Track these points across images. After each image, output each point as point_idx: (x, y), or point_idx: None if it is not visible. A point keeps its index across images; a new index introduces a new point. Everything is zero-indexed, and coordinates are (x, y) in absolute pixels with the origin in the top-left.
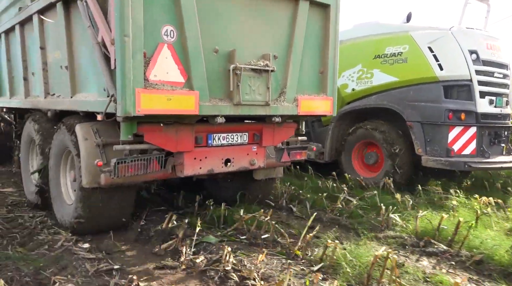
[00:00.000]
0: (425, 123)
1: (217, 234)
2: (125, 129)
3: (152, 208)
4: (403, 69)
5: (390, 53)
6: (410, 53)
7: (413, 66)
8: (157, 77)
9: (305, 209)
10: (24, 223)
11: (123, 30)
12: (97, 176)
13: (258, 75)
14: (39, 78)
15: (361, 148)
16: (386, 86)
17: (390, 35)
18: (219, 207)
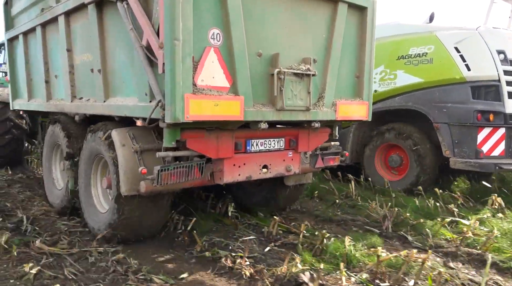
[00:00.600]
0: (453, 125)
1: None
2: (168, 135)
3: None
4: (428, 70)
5: (415, 53)
6: (435, 54)
7: (439, 67)
8: (204, 82)
9: (422, 237)
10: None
11: (173, 33)
12: (136, 184)
13: (300, 79)
14: (65, 81)
15: (384, 150)
16: (411, 87)
17: (413, 36)
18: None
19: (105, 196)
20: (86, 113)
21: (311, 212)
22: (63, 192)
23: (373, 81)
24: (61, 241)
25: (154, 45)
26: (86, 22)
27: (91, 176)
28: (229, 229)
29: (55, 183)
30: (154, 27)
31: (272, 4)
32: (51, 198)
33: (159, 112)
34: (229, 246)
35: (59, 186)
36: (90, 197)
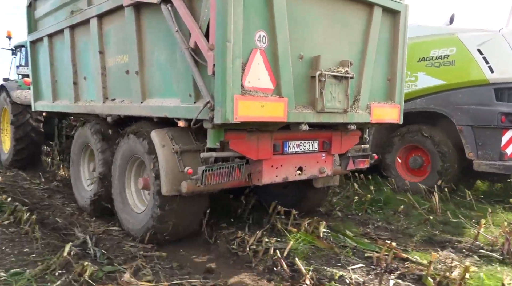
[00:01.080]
0: (477, 127)
1: None
2: (213, 136)
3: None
4: (450, 72)
5: (436, 56)
6: (458, 56)
7: (462, 69)
8: (251, 84)
9: None
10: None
11: (225, 35)
12: (176, 184)
13: (338, 82)
14: (96, 82)
15: (405, 152)
16: (432, 89)
17: (435, 38)
18: None
19: (139, 197)
20: (120, 114)
21: (401, 230)
22: (92, 193)
23: (404, 84)
24: (143, 270)
25: (203, 47)
26: (121, 25)
27: (125, 176)
28: (327, 253)
29: (84, 184)
30: (201, 30)
31: (312, 7)
32: (80, 199)
33: (207, 113)
34: (345, 279)
35: (88, 187)
36: (125, 198)
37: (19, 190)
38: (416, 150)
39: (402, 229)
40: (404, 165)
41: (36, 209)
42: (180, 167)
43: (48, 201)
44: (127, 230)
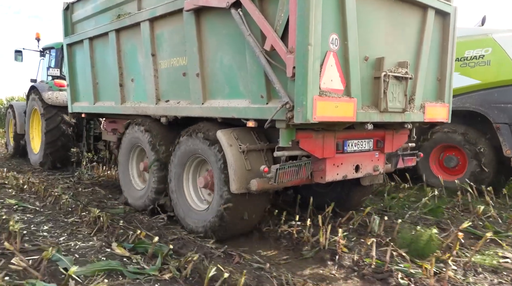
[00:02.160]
0: None
1: None
2: (286, 136)
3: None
4: (486, 72)
5: (471, 56)
6: (493, 56)
7: (498, 69)
8: (325, 85)
9: None
10: None
11: (307, 39)
12: (244, 182)
13: (399, 82)
14: (148, 84)
15: (439, 151)
16: (467, 89)
17: (468, 39)
18: None
19: (197, 195)
20: (177, 115)
21: None
22: (145, 192)
23: (452, 84)
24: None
25: (281, 50)
26: (176, 28)
27: (184, 175)
28: None
29: (133, 183)
30: (277, 33)
31: (375, 10)
32: (130, 198)
33: (283, 114)
34: None
35: (138, 186)
36: (184, 196)
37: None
38: (451, 149)
39: None
40: (438, 164)
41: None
42: (246, 166)
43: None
44: (187, 226)
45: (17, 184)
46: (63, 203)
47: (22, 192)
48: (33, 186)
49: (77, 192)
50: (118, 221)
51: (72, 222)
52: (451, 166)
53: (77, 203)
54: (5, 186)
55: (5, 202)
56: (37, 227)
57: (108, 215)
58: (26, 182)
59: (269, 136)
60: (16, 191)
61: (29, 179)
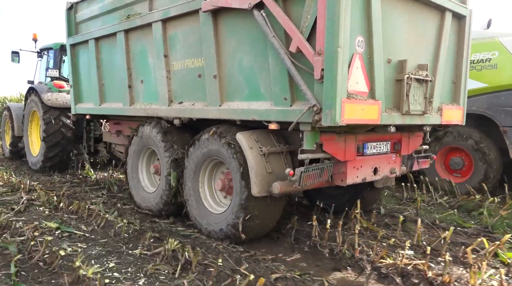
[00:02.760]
0: None
1: None
2: (310, 138)
3: None
4: (493, 75)
5: (477, 59)
6: (500, 59)
7: (505, 72)
8: (352, 88)
9: None
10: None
11: (337, 41)
12: (265, 185)
13: (419, 85)
14: (160, 86)
15: (445, 153)
16: (475, 92)
17: (475, 42)
18: None
19: (212, 197)
20: (192, 117)
21: None
22: (157, 195)
23: (467, 87)
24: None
25: (309, 52)
26: (191, 29)
27: (199, 178)
28: None
29: (143, 186)
30: (303, 35)
31: (397, 12)
32: (141, 201)
33: (309, 116)
34: None
35: (149, 189)
36: (199, 199)
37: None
38: (457, 151)
39: None
40: (444, 166)
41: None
42: (267, 169)
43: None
44: (205, 230)
45: (50, 200)
46: (120, 228)
47: (58, 211)
48: (67, 201)
49: (118, 208)
50: (197, 252)
51: (141, 256)
52: (456, 168)
53: (134, 228)
54: (34, 203)
55: (44, 226)
56: (99, 263)
57: (196, 252)
58: (62, 198)
59: (287, 139)
60: (50, 209)
61: (63, 195)
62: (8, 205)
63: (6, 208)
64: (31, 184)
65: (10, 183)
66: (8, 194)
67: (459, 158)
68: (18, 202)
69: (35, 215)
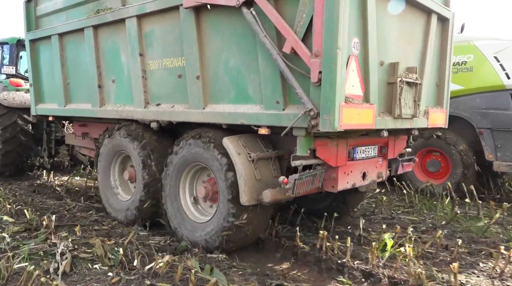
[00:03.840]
0: (496, 130)
1: None
2: (304, 144)
3: None
4: (468, 78)
5: (454, 62)
6: (475, 63)
7: (480, 75)
8: (348, 91)
9: None
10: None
11: (336, 42)
12: (255, 193)
13: (410, 88)
14: (135, 86)
15: (422, 155)
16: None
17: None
18: None
19: (194, 206)
20: (172, 120)
21: None
22: (131, 203)
23: (449, 90)
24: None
25: (304, 53)
26: (172, 27)
27: (180, 184)
28: None
29: (116, 193)
30: (297, 35)
31: (389, 14)
32: (112, 210)
33: (305, 121)
34: None
35: (123, 197)
36: (180, 207)
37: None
38: (433, 153)
39: None
40: (421, 168)
41: None
42: (256, 176)
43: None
44: (184, 239)
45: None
46: None
47: (123, 269)
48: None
49: None
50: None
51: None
52: (433, 170)
53: None
54: (90, 258)
55: None
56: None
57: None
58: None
59: (275, 143)
60: (110, 267)
61: (126, 246)
62: (38, 259)
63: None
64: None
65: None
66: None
67: (436, 160)
68: (53, 251)
69: (103, 282)
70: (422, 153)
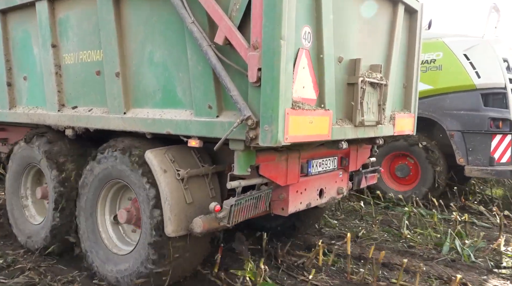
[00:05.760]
0: (467, 132)
1: None
2: (244, 161)
3: None
4: (437, 77)
5: (422, 60)
6: (445, 61)
7: (449, 74)
8: (297, 94)
9: None
10: None
11: (279, 30)
12: (184, 220)
13: (373, 90)
14: (47, 85)
15: (390, 160)
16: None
17: None
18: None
19: (116, 232)
20: (89, 127)
21: None
22: (43, 227)
23: (418, 92)
24: None
25: (241, 45)
26: (88, 12)
27: (98, 206)
28: None
29: (27, 215)
30: (233, 22)
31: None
32: (21, 236)
33: (242, 132)
34: None
35: (35, 220)
36: (96, 227)
37: None
38: (401, 158)
39: None
40: (389, 173)
41: None
42: (187, 198)
43: None
44: (102, 274)
45: None
46: None
47: None
48: None
49: None
50: None
51: None
52: (401, 176)
53: None
54: None
55: None
56: None
57: None
58: None
59: (214, 156)
60: None
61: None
62: None
63: None
64: None
65: None
66: None
67: (405, 165)
68: None
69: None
70: (390, 158)
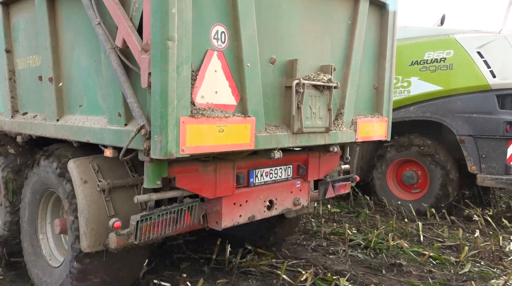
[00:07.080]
0: (480, 138)
1: None
2: (152, 173)
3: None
4: (448, 77)
5: (431, 59)
6: (456, 59)
7: (461, 73)
8: (205, 100)
9: None
10: None
11: (166, 31)
12: (103, 235)
13: (319, 93)
14: (2, 90)
15: (397, 166)
16: (428, 96)
17: (428, 39)
18: None
19: (57, 244)
20: (32, 134)
21: None
22: None
23: (393, 93)
24: None
25: (135, 47)
26: (31, 16)
27: (39, 217)
28: None
29: None
30: (133, 22)
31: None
32: None
33: (141, 142)
34: None
35: None
36: (37, 246)
37: None
38: (410, 164)
39: None
40: (396, 181)
41: None
42: (108, 211)
43: None
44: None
45: None
46: None
47: None
48: None
49: None
50: None
51: None
52: (409, 184)
53: None
54: None
55: None
56: None
57: None
58: None
59: None
60: None
61: None
62: None
63: None
64: None
65: None
66: None
67: (413, 172)
68: None
69: None
70: (396, 164)
